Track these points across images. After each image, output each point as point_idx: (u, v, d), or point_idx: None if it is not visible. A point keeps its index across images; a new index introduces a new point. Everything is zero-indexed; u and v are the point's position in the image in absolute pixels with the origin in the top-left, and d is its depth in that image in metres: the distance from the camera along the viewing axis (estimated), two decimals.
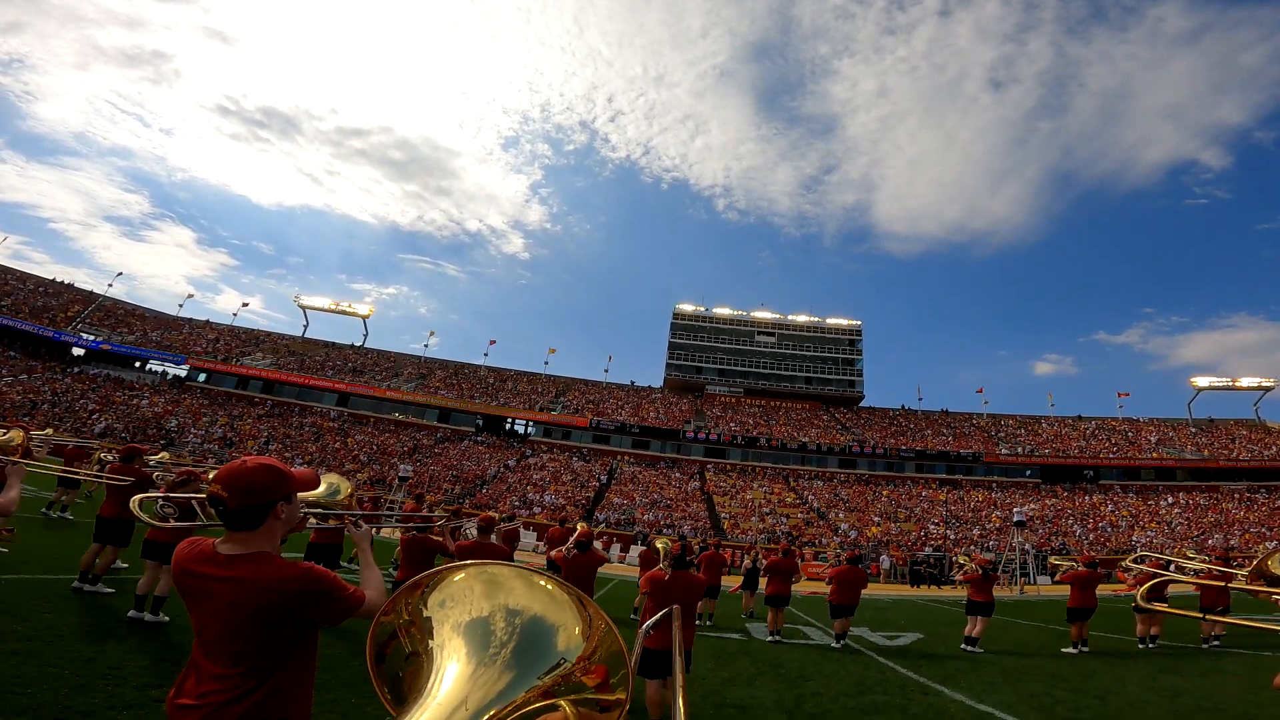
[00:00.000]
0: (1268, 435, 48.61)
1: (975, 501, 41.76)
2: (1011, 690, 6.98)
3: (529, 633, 0.65)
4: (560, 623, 0.66)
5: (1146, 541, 34.48)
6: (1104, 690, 7.09)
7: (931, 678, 7.47)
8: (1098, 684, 7.45)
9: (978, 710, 6.05)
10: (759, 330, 59.98)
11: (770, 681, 6.91)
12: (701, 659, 7.36)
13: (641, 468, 44.74)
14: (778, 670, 7.55)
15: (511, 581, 0.68)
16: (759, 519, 36.68)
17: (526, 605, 0.66)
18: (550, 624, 0.66)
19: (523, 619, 0.65)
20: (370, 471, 36.67)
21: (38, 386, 38.84)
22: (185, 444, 34.77)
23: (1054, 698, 6.65)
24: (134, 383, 44.11)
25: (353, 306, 57.89)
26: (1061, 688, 7.15)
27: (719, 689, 6.31)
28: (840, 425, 52.57)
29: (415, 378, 51.98)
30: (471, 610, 0.66)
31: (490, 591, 0.67)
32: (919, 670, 7.96)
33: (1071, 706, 6.30)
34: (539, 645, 0.65)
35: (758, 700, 6.02)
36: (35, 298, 48.64)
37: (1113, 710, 6.26)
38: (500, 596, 0.67)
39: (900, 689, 6.90)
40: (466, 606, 0.66)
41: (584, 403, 51.94)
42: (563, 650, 0.65)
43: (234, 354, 49.02)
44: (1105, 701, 6.55)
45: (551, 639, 0.65)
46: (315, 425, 43.03)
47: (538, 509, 34.68)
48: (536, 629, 0.65)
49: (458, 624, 0.65)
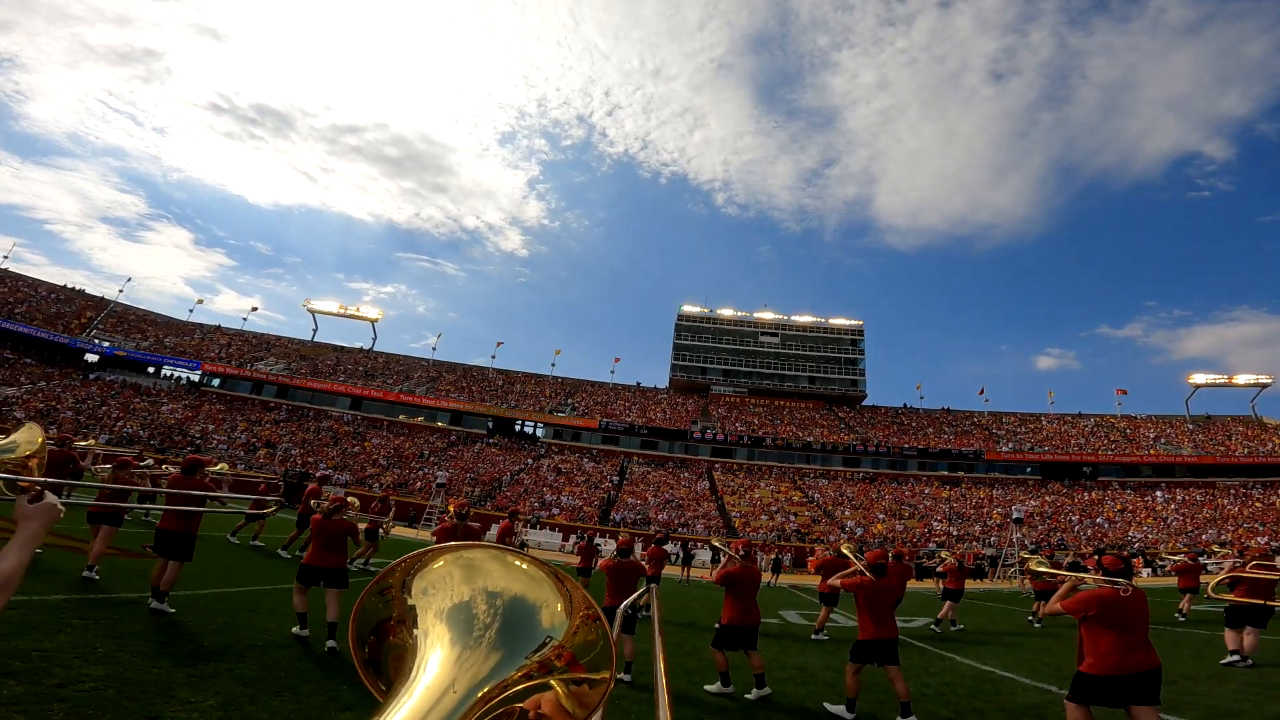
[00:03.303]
0: (1264, 432, 49.72)
1: (977, 499, 42.81)
2: (1010, 656, 8.93)
3: (512, 613, 0.62)
4: (541, 600, 0.64)
5: (1142, 537, 35.57)
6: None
7: (943, 649, 9.43)
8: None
9: (982, 670, 7.90)
10: (762, 331, 60.91)
11: (816, 653, 8.92)
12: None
13: (651, 468, 45.64)
14: (819, 645, 9.66)
15: (488, 563, 0.65)
16: (768, 518, 37.64)
17: (506, 586, 0.64)
18: (532, 602, 0.63)
19: (504, 599, 0.63)
20: (393, 475, 37.46)
21: (57, 394, 39.47)
22: (212, 450, 35.49)
23: (1042, 661, 8.48)
24: (151, 388, 44.76)
25: (361, 310, 58.56)
26: (1047, 656, 8.91)
27: (778, 656, 8.16)
28: (844, 424, 53.56)
29: (426, 381, 52.72)
30: (453, 595, 0.62)
31: (469, 575, 0.64)
32: (932, 644, 9.92)
33: (1054, 668, 7.98)
34: (523, 624, 0.62)
35: (811, 664, 7.95)
36: (48, 304, 49.19)
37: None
38: (479, 580, 0.64)
39: (920, 655, 8.84)
40: (448, 592, 0.63)
41: (592, 404, 52.80)
42: (548, 628, 0.63)
43: (246, 358, 49.68)
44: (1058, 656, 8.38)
45: (535, 617, 0.63)
46: (332, 429, 43.78)
47: (556, 510, 35.54)
48: (519, 608, 0.63)
49: (440, 610, 0.62)
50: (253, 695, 4.59)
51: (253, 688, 4.74)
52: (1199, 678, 7.17)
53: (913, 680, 6.62)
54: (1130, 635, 3.99)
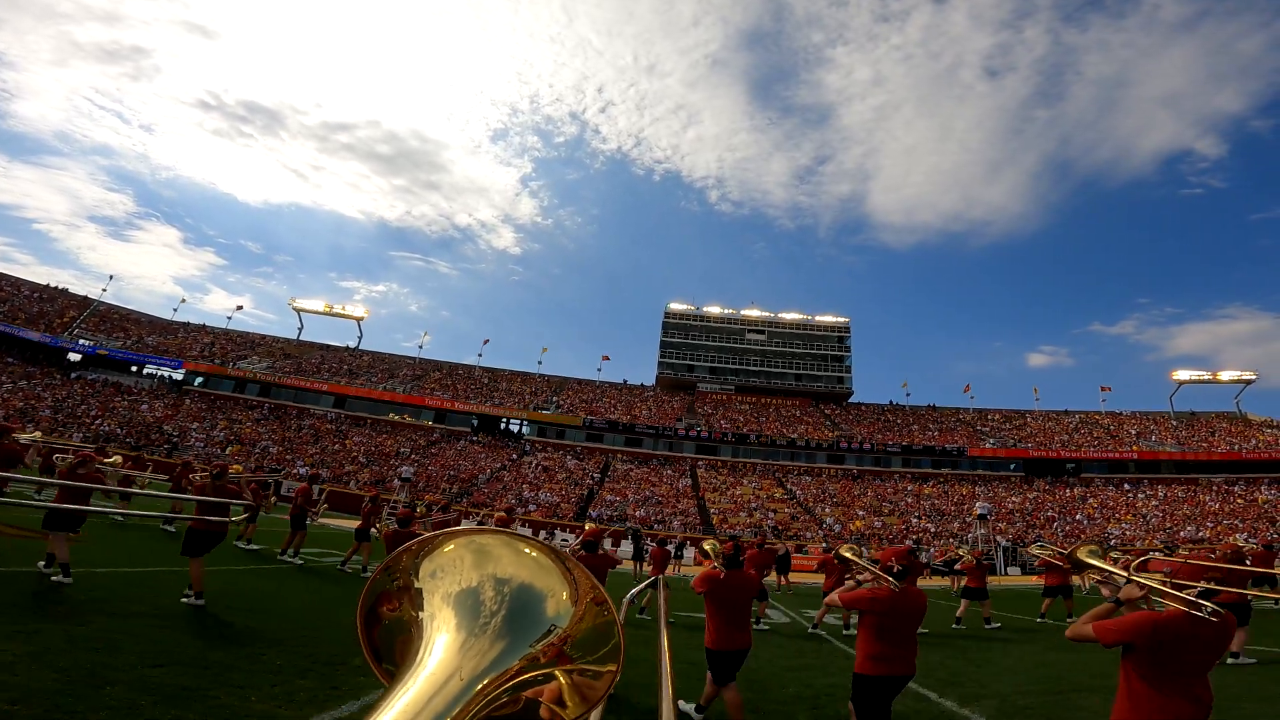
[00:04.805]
0: (1248, 428, 49.73)
1: (959, 495, 42.81)
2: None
3: (518, 601, 0.62)
4: (548, 589, 0.64)
5: (1120, 534, 35.58)
6: (990, 660, 8.71)
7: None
8: (987, 656, 8.98)
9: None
10: (749, 328, 60.89)
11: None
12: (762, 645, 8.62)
13: (634, 465, 45.64)
14: (808, 639, 9.92)
15: (499, 550, 0.65)
16: (747, 514, 37.66)
17: (514, 573, 0.64)
18: (538, 591, 0.63)
19: (511, 587, 0.63)
20: (370, 472, 37.45)
21: (38, 393, 39.43)
22: (189, 448, 35.47)
23: (950, 668, 8.12)
24: (132, 387, 44.72)
25: (347, 309, 58.49)
26: (958, 659, 8.71)
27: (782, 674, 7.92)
28: (829, 421, 53.56)
29: (411, 379, 52.70)
30: (461, 580, 0.63)
31: (479, 561, 0.64)
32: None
33: (953, 670, 7.83)
34: (529, 612, 0.62)
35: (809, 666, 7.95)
36: (31, 304, 49.12)
37: (987, 675, 7.66)
38: (489, 566, 0.64)
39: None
40: (456, 577, 0.63)
41: (577, 401, 52.79)
42: (552, 617, 0.63)
43: (230, 357, 49.63)
44: (981, 669, 8.07)
45: (540, 605, 0.63)
46: (314, 428, 43.75)
47: (533, 506, 35.53)
48: (525, 596, 0.63)
49: (447, 594, 0.62)
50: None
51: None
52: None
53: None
54: (899, 636, 3.82)
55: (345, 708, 4.45)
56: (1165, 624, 2.61)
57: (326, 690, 4.80)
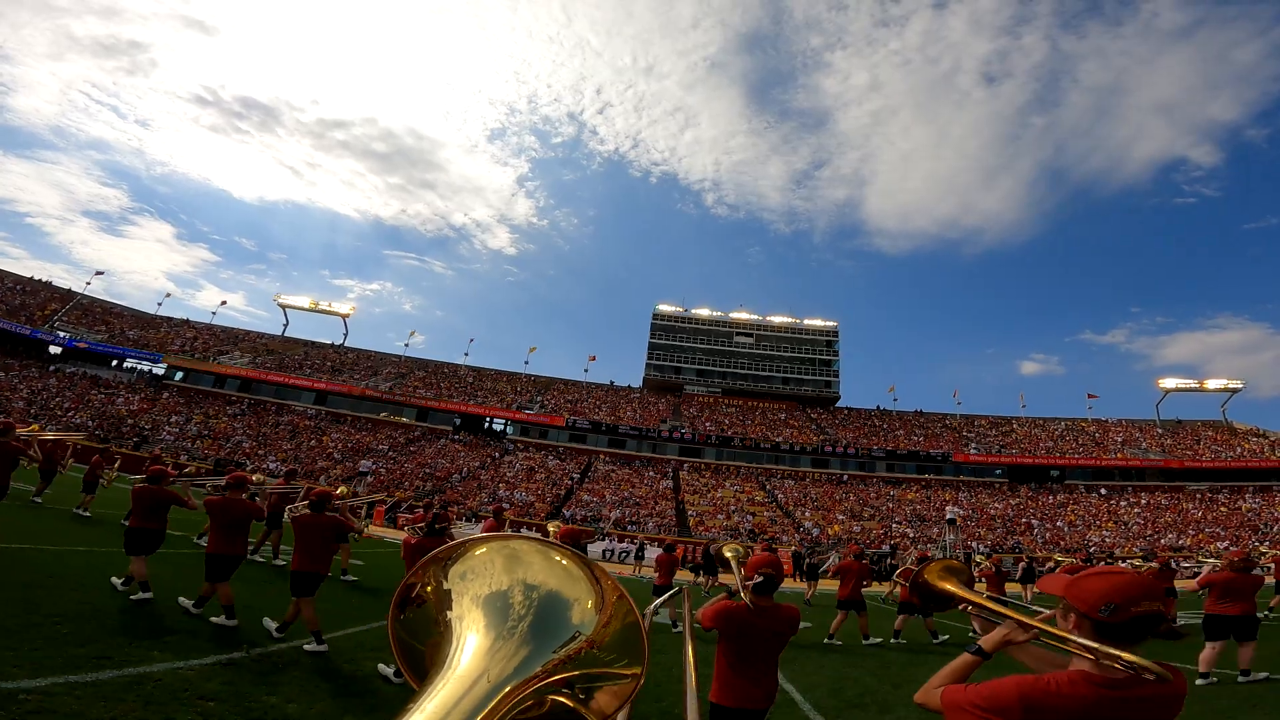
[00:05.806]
0: (1234, 436, 49.56)
1: (941, 500, 42.54)
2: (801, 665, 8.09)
3: (545, 607, 0.65)
4: (575, 597, 0.66)
5: (1100, 541, 35.30)
6: (914, 679, 7.78)
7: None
8: (913, 675, 8.16)
9: None
10: (737, 331, 60.69)
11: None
12: None
13: (616, 466, 45.31)
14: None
15: (530, 555, 0.68)
16: (725, 517, 37.32)
17: (544, 580, 0.66)
18: (565, 598, 0.66)
19: (539, 593, 0.65)
20: (343, 469, 37.10)
21: (14, 384, 39.06)
22: (159, 441, 35.11)
23: (863, 685, 7.36)
24: (110, 381, 44.35)
25: (333, 305, 58.18)
26: (874, 676, 7.90)
27: None
28: (815, 425, 53.29)
29: (394, 377, 52.38)
30: (491, 584, 0.66)
31: (510, 565, 0.67)
32: None
33: (858, 685, 7.21)
34: (554, 619, 0.64)
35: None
36: (12, 296, 48.76)
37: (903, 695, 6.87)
38: (519, 571, 0.66)
39: None
40: (487, 580, 0.66)
41: (562, 402, 52.49)
42: (577, 624, 0.65)
43: (212, 353, 49.29)
44: (899, 689, 7.22)
45: (566, 613, 0.65)
46: (292, 424, 43.39)
47: (507, 505, 35.16)
48: (552, 603, 0.65)
49: (477, 596, 0.65)
50: None
51: None
52: None
53: None
54: (754, 660, 3.26)
55: None
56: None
57: None
